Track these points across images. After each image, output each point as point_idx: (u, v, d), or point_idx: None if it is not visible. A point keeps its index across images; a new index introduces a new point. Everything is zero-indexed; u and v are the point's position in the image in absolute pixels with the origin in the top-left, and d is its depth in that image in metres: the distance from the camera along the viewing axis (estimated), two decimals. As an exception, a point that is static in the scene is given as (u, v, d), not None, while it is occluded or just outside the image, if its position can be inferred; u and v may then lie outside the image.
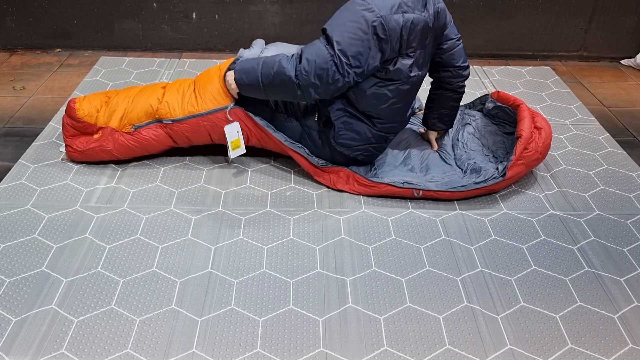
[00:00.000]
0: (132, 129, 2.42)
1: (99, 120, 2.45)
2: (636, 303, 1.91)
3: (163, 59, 3.58)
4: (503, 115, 2.67)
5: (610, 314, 1.86)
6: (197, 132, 2.40)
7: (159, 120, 2.41)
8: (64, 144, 2.55)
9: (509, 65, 3.76)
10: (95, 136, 2.44)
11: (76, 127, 2.46)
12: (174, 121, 2.38)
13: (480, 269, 2.02)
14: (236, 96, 2.35)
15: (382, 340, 1.74)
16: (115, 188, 2.37)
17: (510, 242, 2.16)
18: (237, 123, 2.38)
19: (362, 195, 2.38)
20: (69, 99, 2.57)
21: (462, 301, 1.89)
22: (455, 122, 2.69)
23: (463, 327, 1.79)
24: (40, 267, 1.96)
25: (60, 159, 2.51)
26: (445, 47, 2.35)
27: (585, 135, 2.90)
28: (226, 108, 2.35)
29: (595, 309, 1.88)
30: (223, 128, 2.37)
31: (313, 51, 2.12)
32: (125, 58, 3.57)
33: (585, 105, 3.21)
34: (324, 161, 2.41)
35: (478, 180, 2.34)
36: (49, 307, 1.81)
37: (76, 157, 2.48)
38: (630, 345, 1.75)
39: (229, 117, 2.35)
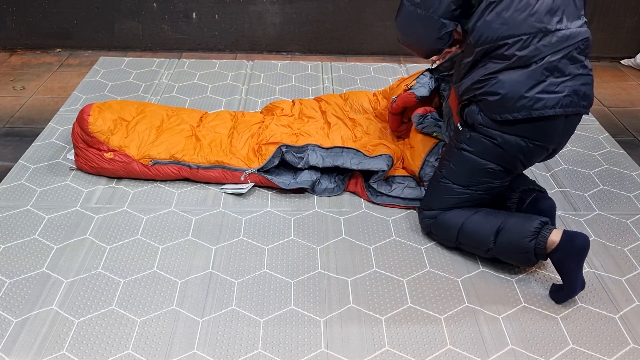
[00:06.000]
0: (151, 163, 2.36)
1: (112, 142, 2.38)
2: (637, 303, 1.91)
3: (163, 59, 3.57)
4: None
5: (611, 314, 1.86)
6: (217, 179, 2.38)
7: (182, 162, 2.37)
8: (73, 152, 2.50)
9: (509, 65, 3.75)
10: (107, 155, 2.37)
11: (85, 139, 2.40)
12: (199, 167, 2.37)
13: (481, 269, 2.01)
14: None
15: (384, 341, 1.74)
16: (116, 189, 2.37)
17: (511, 242, 2.16)
18: (252, 184, 2.36)
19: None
20: (84, 106, 2.47)
21: (463, 301, 1.89)
22: None
23: (464, 328, 1.79)
24: (41, 267, 1.96)
25: (69, 168, 2.48)
26: None
27: (585, 135, 2.90)
28: (252, 171, 2.34)
29: (596, 309, 1.88)
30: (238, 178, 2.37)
31: None
32: (125, 58, 3.57)
33: (585, 105, 3.21)
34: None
35: None
36: (49, 308, 1.80)
37: (83, 169, 2.43)
38: (632, 345, 1.75)
39: (245, 179, 2.36)
